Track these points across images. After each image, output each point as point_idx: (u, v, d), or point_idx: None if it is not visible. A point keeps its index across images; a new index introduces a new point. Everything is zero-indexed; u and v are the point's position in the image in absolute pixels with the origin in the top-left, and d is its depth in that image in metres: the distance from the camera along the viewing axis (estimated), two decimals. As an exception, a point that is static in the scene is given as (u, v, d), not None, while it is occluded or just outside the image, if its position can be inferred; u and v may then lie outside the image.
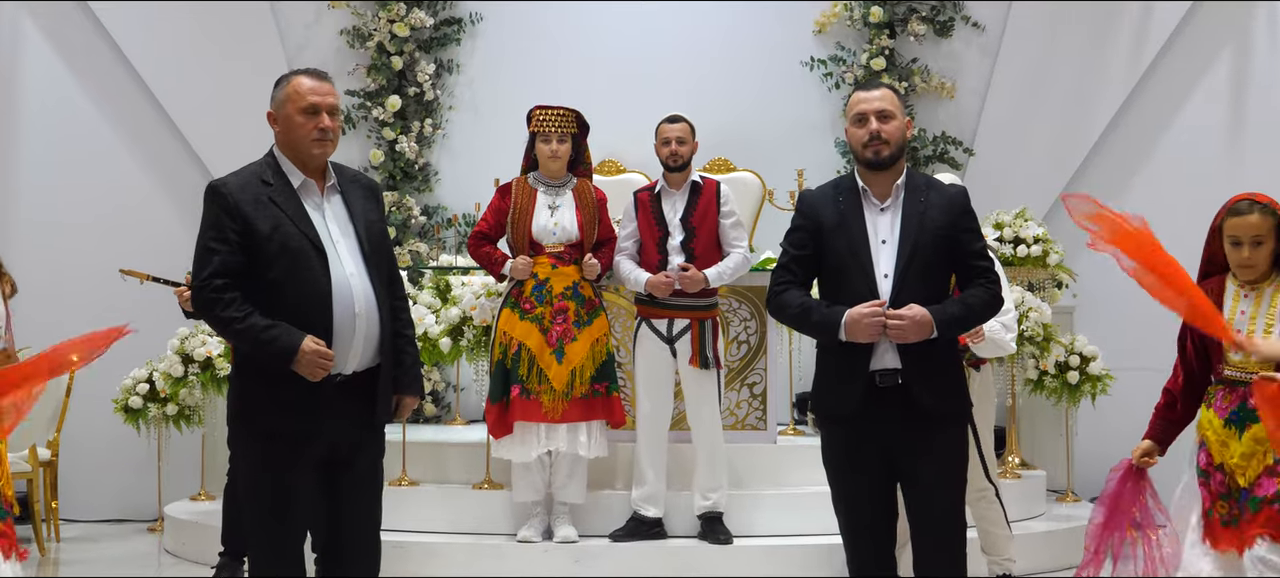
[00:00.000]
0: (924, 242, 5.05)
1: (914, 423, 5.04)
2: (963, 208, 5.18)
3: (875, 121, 5.10)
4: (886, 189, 5.16)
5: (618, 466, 8.23)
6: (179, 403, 9.05)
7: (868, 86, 5.29)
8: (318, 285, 4.87)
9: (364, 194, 5.16)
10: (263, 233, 4.83)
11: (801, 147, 10.42)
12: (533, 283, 7.70)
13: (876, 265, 5.06)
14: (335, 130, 5.02)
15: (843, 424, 5.19)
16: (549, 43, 10.75)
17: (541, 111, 7.84)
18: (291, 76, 5.04)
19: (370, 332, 4.97)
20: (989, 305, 5.16)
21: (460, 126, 10.78)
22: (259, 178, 4.98)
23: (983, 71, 10.55)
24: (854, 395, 5.08)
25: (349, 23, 10.61)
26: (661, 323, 7.74)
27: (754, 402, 8.56)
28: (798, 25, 10.73)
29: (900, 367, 5.02)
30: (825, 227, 5.19)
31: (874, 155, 5.11)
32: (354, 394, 4.99)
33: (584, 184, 7.93)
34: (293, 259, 4.85)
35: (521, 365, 7.62)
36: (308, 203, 4.98)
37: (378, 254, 5.07)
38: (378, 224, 5.15)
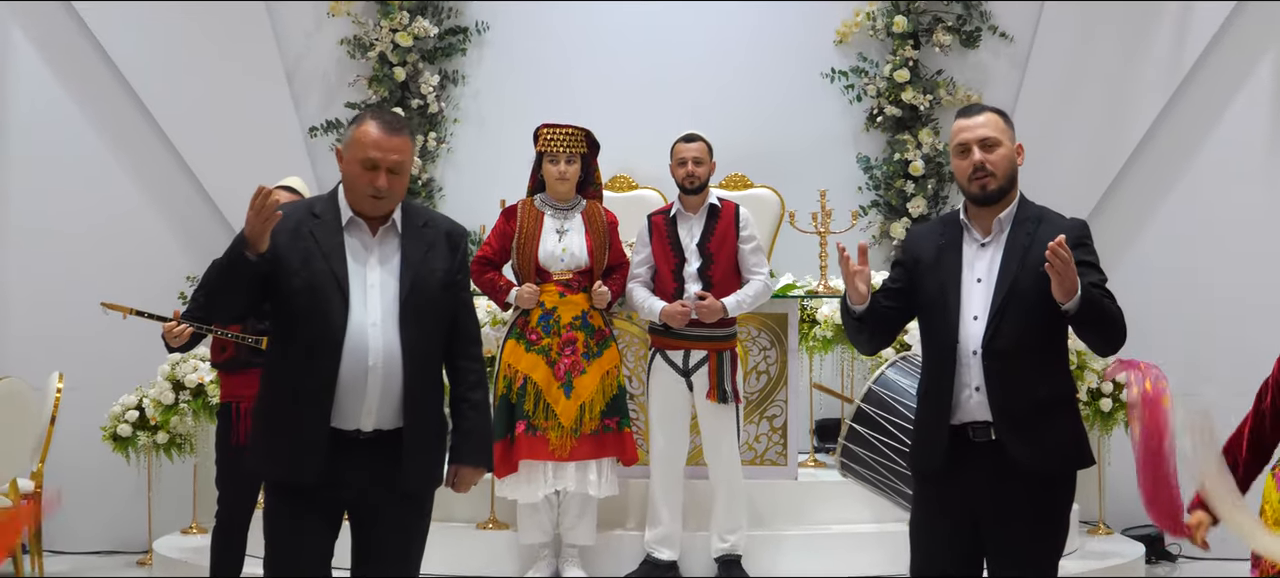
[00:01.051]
0: (1025, 281, 4.57)
1: (1009, 481, 4.60)
2: (1077, 240, 4.64)
3: (979, 151, 4.69)
4: (989, 222, 4.74)
5: (630, 504, 7.91)
6: (170, 431, 8.80)
7: (970, 111, 4.83)
8: (331, 329, 4.55)
9: (432, 240, 4.78)
10: (291, 266, 4.56)
11: (822, 162, 10.11)
12: (539, 312, 7.35)
13: (965, 306, 4.66)
14: (396, 190, 4.66)
15: (927, 482, 4.82)
16: (559, 53, 10.41)
17: (549, 130, 7.47)
18: (365, 118, 4.69)
19: (388, 389, 4.60)
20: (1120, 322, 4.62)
21: (466, 140, 10.42)
22: (310, 210, 4.72)
23: (1011, 83, 10.15)
24: (938, 450, 4.68)
25: (350, 31, 10.25)
26: (677, 354, 7.39)
27: (774, 435, 8.22)
28: (818, 35, 10.36)
29: (991, 419, 4.59)
30: (922, 263, 4.82)
31: (981, 190, 4.69)
32: (378, 454, 4.64)
33: (594, 207, 7.57)
34: (314, 297, 4.56)
35: (527, 400, 7.27)
36: (352, 242, 4.67)
37: (423, 308, 4.69)
38: (439, 276, 4.75)
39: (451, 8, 10.36)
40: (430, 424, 4.74)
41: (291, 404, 4.56)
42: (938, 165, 10.01)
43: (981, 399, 4.59)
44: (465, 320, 4.90)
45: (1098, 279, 4.63)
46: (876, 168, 10.16)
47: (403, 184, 4.67)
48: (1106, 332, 4.62)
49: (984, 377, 4.59)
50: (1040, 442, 4.59)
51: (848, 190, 9.93)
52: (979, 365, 4.60)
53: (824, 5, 10.36)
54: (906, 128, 10.07)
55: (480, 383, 4.92)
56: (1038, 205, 4.80)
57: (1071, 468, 4.73)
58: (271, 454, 4.66)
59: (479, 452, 4.88)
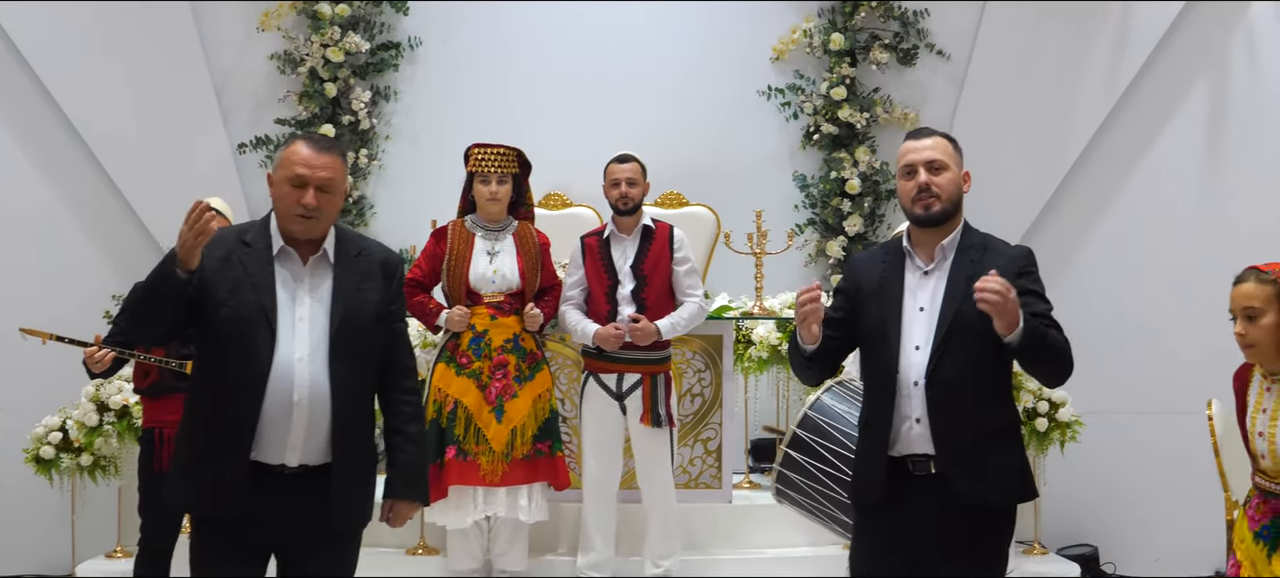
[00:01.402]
0: (969, 311, 4.41)
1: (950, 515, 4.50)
2: (1022, 269, 4.57)
3: (924, 173, 4.59)
4: (932, 250, 4.63)
5: (561, 529, 7.82)
6: (94, 453, 8.53)
7: (919, 133, 4.74)
8: (256, 362, 4.41)
9: (366, 270, 4.67)
10: (219, 295, 4.44)
11: (758, 180, 10.04)
12: (470, 335, 7.25)
13: (906, 336, 4.55)
14: (326, 210, 4.53)
15: (868, 514, 4.71)
16: (492, 69, 10.27)
17: (479, 150, 7.36)
18: (294, 138, 4.59)
19: (315, 424, 4.46)
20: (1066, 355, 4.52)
21: (398, 157, 10.28)
22: (240, 237, 4.58)
23: (949, 101, 10.09)
24: (877, 483, 4.58)
25: (280, 46, 10.09)
26: (611, 378, 7.31)
27: (709, 459, 8.14)
28: (754, 52, 10.27)
29: (931, 452, 4.49)
30: (864, 291, 4.73)
31: (924, 211, 4.58)
32: (306, 490, 4.50)
33: (525, 228, 7.47)
34: (240, 328, 4.42)
35: (458, 425, 7.17)
36: (282, 272, 4.54)
37: (354, 341, 4.56)
38: (372, 308, 4.63)
39: (384, 23, 10.22)
40: (360, 459, 4.61)
41: (212, 437, 4.43)
42: (874, 184, 9.95)
43: (923, 431, 4.50)
44: (400, 352, 4.78)
45: (1043, 309, 4.56)
46: (813, 186, 10.08)
47: (333, 206, 4.55)
48: (1051, 364, 4.53)
49: (926, 408, 4.50)
50: (983, 476, 4.50)
51: (784, 209, 9.86)
52: (921, 397, 4.51)
53: (760, 22, 10.27)
54: (843, 146, 10.00)
55: (416, 416, 4.80)
56: (982, 233, 4.72)
57: (1014, 502, 4.65)
58: (190, 487, 4.52)
59: (414, 486, 4.76)
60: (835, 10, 10.15)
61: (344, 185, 4.63)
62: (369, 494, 4.69)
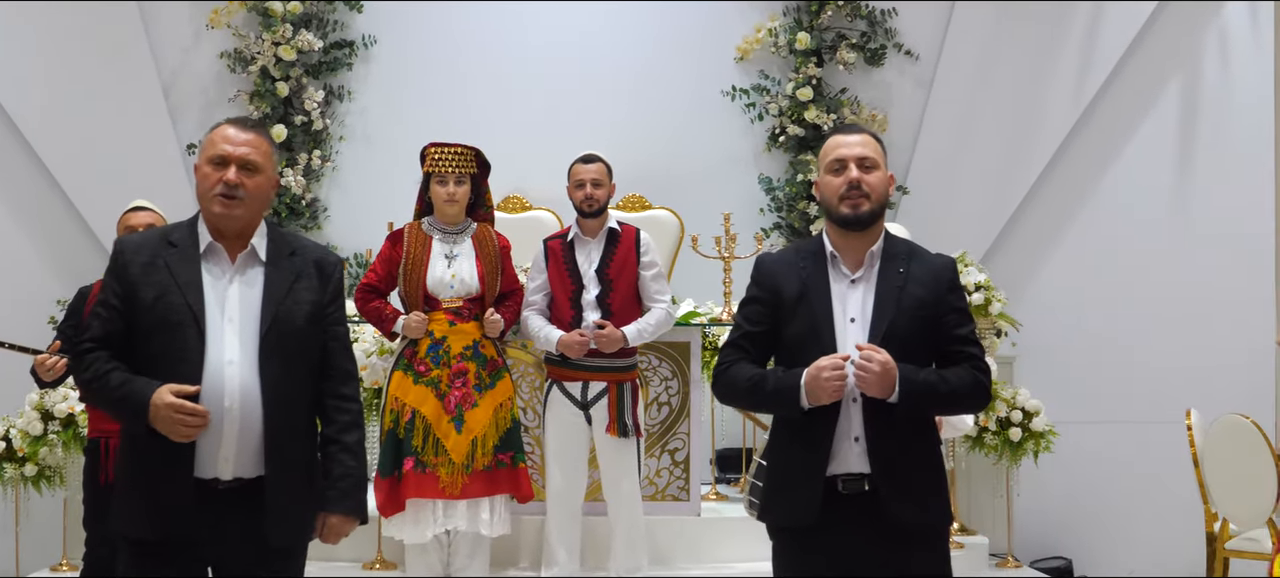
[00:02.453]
0: (901, 322, 4.24)
1: (884, 538, 4.24)
2: (950, 283, 4.38)
3: (855, 169, 4.32)
4: (859, 256, 4.38)
5: (523, 543, 7.62)
6: (38, 463, 8.34)
7: (846, 129, 4.48)
8: (187, 368, 4.16)
9: (300, 270, 4.41)
10: (145, 301, 4.21)
11: (722, 182, 9.90)
12: (428, 342, 6.99)
13: (841, 349, 4.26)
14: (251, 193, 4.30)
15: (793, 539, 4.39)
16: (449, 68, 10.12)
17: (436, 150, 7.12)
18: (219, 124, 4.39)
19: (247, 433, 4.21)
20: (973, 393, 4.33)
21: (351, 158, 10.10)
22: (165, 238, 4.34)
23: (917, 103, 9.98)
24: (810, 503, 4.27)
25: (230, 44, 9.90)
26: (575, 386, 7.08)
27: (676, 470, 7.94)
28: (718, 51, 10.14)
29: (868, 471, 4.23)
30: (784, 299, 4.39)
31: (852, 210, 4.31)
32: (242, 506, 4.24)
33: (484, 230, 7.23)
34: (169, 334, 4.19)
35: (416, 435, 6.92)
36: (210, 272, 4.29)
37: (287, 344, 4.30)
38: (306, 309, 4.38)
39: (337, 21, 10.04)
40: (296, 471, 4.35)
41: (149, 454, 4.16)
42: (839, 187, 9.74)
43: (862, 450, 4.25)
44: (339, 357, 4.51)
45: (967, 331, 4.38)
46: (779, 189, 9.93)
47: (259, 191, 4.32)
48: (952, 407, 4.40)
49: (864, 426, 4.25)
50: (918, 495, 4.29)
51: (749, 212, 9.71)
52: (860, 413, 4.26)
53: (723, 21, 10.16)
54: (809, 148, 9.84)
55: (354, 424, 4.50)
56: (904, 239, 4.51)
57: (945, 524, 4.44)
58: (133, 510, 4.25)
59: (349, 499, 4.44)
60: (801, 9, 10.04)
61: (271, 169, 4.39)
62: (309, 508, 4.43)
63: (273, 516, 4.25)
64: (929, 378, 4.23)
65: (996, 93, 9.78)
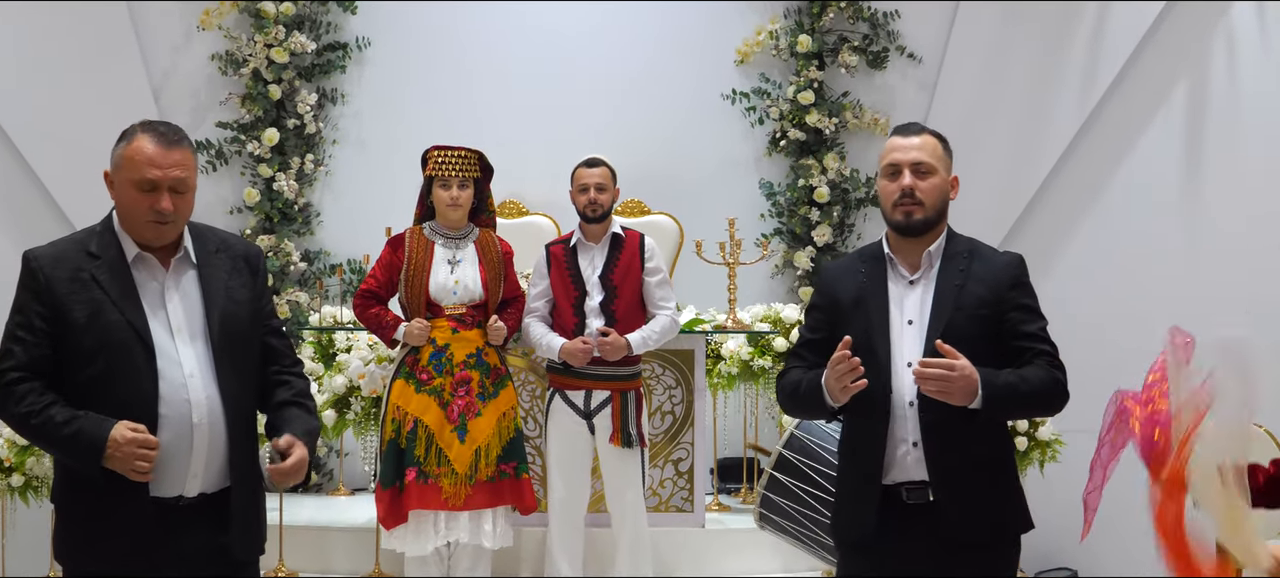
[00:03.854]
0: (960, 322, 4.12)
1: (947, 548, 4.12)
2: (1014, 279, 4.25)
3: (909, 175, 4.22)
4: (917, 258, 4.27)
5: (524, 554, 7.52)
6: (25, 473, 8.14)
7: (906, 131, 4.37)
8: (142, 389, 3.94)
9: (230, 267, 4.21)
10: (77, 322, 3.95)
11: (723, 187, 9.76)
12: (430, 350, 6.86)
13: (896, 352, 4.16)
14: (182, 213, 4.07)
15: (855, 552, 4.29)
16: (444, 71, 9.98)
17: (439, 153, 6.98)
18: (134, 133, 4.11)
19: (214, 446, 4.03)
20: (1052, 392, 4.20)
21: (345, 163, 9.95)
22: (84, 248, 4.06)
23: (920, 106, 9.83)
24: (867, 517, 4.17)
25: (221, 46, 9.74)
26: (578, 395, 6.95)
27: (680, 481, 7.83)
28: (718, 54, 10.01)
29: (928, 479, 4.10)
30: (843, 304, 4.31)
31: (904, 217, 4.22)
32: (205, 522, 4.06)
33: (487, 236, 7.11)
34: (112, 356, 3.95)
35: (418, 445, 6.78)
36: (143, 283, 4.06)
37: (236, 347, 4.12)
38: (247, 306, 4.20)
39: (330, 22, 9.89)
40: (254, 480, 4.21)
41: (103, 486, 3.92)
42: (843, 192, 9.71)
43: (919, 456, 4.13)
44: (279, 344, 4.37)
45: (1036, 328, 4.26)
46: (780, 194, 9.81)
47: (189, 204, 4.09)
48: (1027, 413, 4.26)
49: (921, 431, 4.13)
50: (982, 505, 4.16)
51: (750, 217, 9.59)
52: (915, 418, 4.14)
53: (723, 23, 10.03)
54: (811, 152, 9.75)
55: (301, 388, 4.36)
56: (967, 237, 4.40)
57: (1014, 533, 4.31)
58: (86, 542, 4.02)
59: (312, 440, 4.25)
60: (802, 11, 9.91)
61: (196, 179, 4.16)
62: (264, 519, 4.32)
63: (238, 528, 4.11)
64: (1009, 379, 4.08)
65: (1001, 96, 9.66)
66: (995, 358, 4.13)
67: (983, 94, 9.66)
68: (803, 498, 5.81)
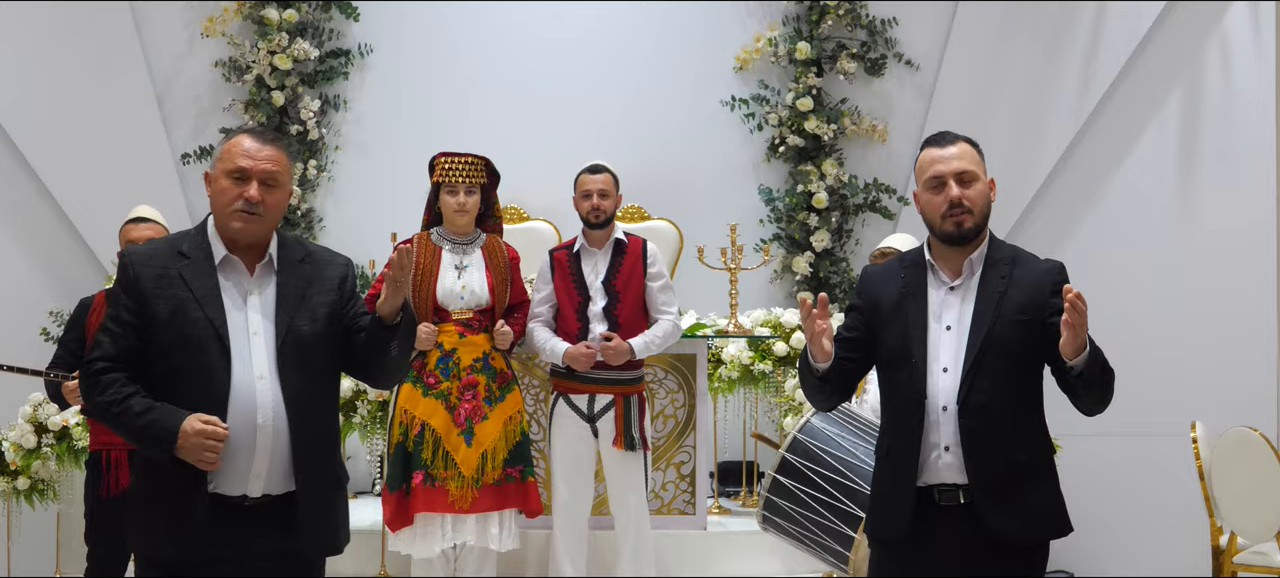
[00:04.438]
0: (1001, 330, 4.16)
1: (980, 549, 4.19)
2: (1055, 285, 4.24)
3: (956, 186, 4.26)
4: (959, 264, 4.31)
5: (530, 556, 7.58)
6: (31, 476, 8.22)
7: (941, 141, 4.39)
8: (214, 387, 4.07)
9: (313, 277, 4.32)
10: (160, 316, 4.10)
11: (722, 193, 9.86)
12: (437, 354, 6.90)
13: (933, 357, 4.22)
14: (270, 208, 4.20)
15: (889, 550, 4.35)
16: (445, 78, 10.03)
17: (446, 159, 7.04)
18: (236, 132, 4.27)
19: (278, 448, 4.13)
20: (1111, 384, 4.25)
21: (347, 168, 10.00)
22: (176, 248, 4.22)
23: (917, 113, 9.91)
24: (902, 516, 4.24)
25: (225, 53, 9.79)
26: (581, 399, 7.02)
27: (682, 483, 7.91)
28: (717, 61, 10.06)
29: (965, 482, 4.16)
30: (882, 309, 4.37)
31: (956, 228, 4.25)
32: (269, 524, 4.16)
33: (494, 241, 7.16)
34: (190, 351, 4.08)
35: (425, 448, 6.82)
36: (227, 285, 4.19)
37: (304, 353, 4.22)
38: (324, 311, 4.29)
39: (333, 29, 9.94)
40: (326, 483, 4.28)
41: (170, 474, 4.06)
42: (842, 197, 9.76)
43: (953, 460, 4.18)
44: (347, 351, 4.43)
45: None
46: (779, 200, 9.86)
47: (278, 203, 4.23)
48: (1105, 391, 4.25)
49: (958, 435, 4.18)
50: (1018, 508, 4.19)
51: (749, 223, 9.63)
52: (952, 423, 4.19)
53: (722, 30, 10.09)
54: (809, 158, 9.80)
55: None
56: (1010, 244, 4.44)
57: (1048, 537, 4.34)
58: (148, 526, 4.17)
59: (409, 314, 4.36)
60: (801, 19, 9.96)
61: (289, 183, 4.32)
62: (338, 521, 4.36)
63: (309, 530, 4.19)
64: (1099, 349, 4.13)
65: (998, 102, 9.71)
66: (1037, 366, 4.22)
67: (979, 100, 9.71)
68: (804, 500, 5.87)
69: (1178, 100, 9.56)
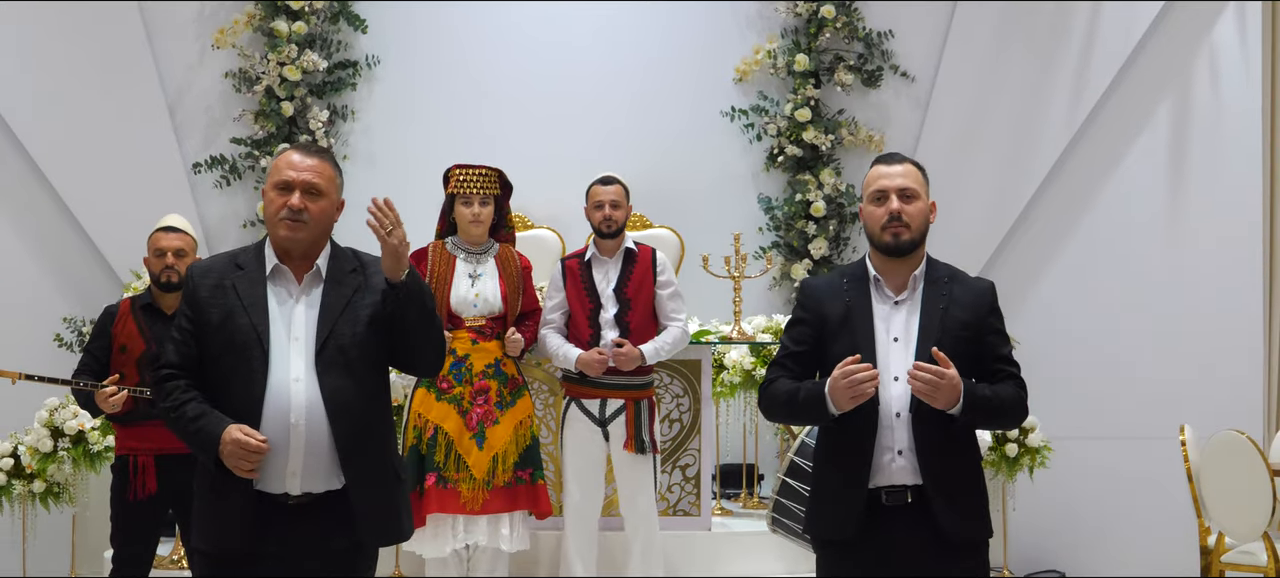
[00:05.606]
0: (946, 343, 4.39)
1: (927, 548, 4.41)
2: (990, 305, 4.56)
3: (896, 200, 4.49)
4: (903, 280, 4.54)
5: (541, 556, 7.70)
6: (47, 479, 8.30)
7: (889, 160, 4.63)
8: (253, 388, 4.30)
9: (361, 285, 4.51)
10: (212, 323, 4.38)
11: (722, 202, 9.99)
12: (451, 360, 7.05)
13: (883, 367, 4.43)
14: (315, 216, 4.43)
15: (836, 550, 4.56)
16: (451, 90, 10.13)
17: (461, 171, 7.20)
18: (285, 149, 4.56)
19: (314, 448, 4.32)
20: (1016, 409, 4.52)
21: (355, 178, 9.90)
22: (234, 261, 4.50)
23: (913, 124, 10.06)
24: (851, 516, 4.44)
25: (235, 65, 9.88)
26: (593, 404, 7.17)
27: (687, 485, 8.06)
28: (717, 72, 10.19)
29: (917, 483, 4.40)
30: (829, 321, 4.57)
31: (893, 239, 4.48)
32: (310, 521, 4.37)
33: (507, 251, 7.31)
34: (236, 356, 4.34)
35: (438, 451, 6.97)
36: (276, 292, 4.43)
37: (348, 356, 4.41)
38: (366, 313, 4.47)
39: (341, 41, 10.05)
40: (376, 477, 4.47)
41: (218, 472, 4.29)
42: (839, 206, 9.89)
43: (906, 464, 4.41)
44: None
45: (1008, 350, 4.58)
46: (777, 208, 10.00)
47: (322, 212, 4.46)
48: (999, 425, 4.59)
49: (911, 440, 4.42)
50: (962, 507, 4.46)
51: (748, 231, 9.74)
52: (905, 428, 4.43)
53: (723, 42, 10.21)
54: (808, 168, 9.94)
55: None
56: (945, 263, 4.67)
57: (986, 536, 4.60)
58: (200, 520, 4.43)
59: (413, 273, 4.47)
60: (799, 31, 10.10)
61: (335, 193, 4.55)
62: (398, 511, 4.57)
63: (362, 522, 4.38)
64: (985, 393, 4.39)
65: (992, 113, 9.86)
66: (971, 376, 4.44)
67: (974, 111, 9.87)
68: (813, 502, 6.04)
69: (1167, 112, 9.67)
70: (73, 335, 9.23)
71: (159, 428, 6.06)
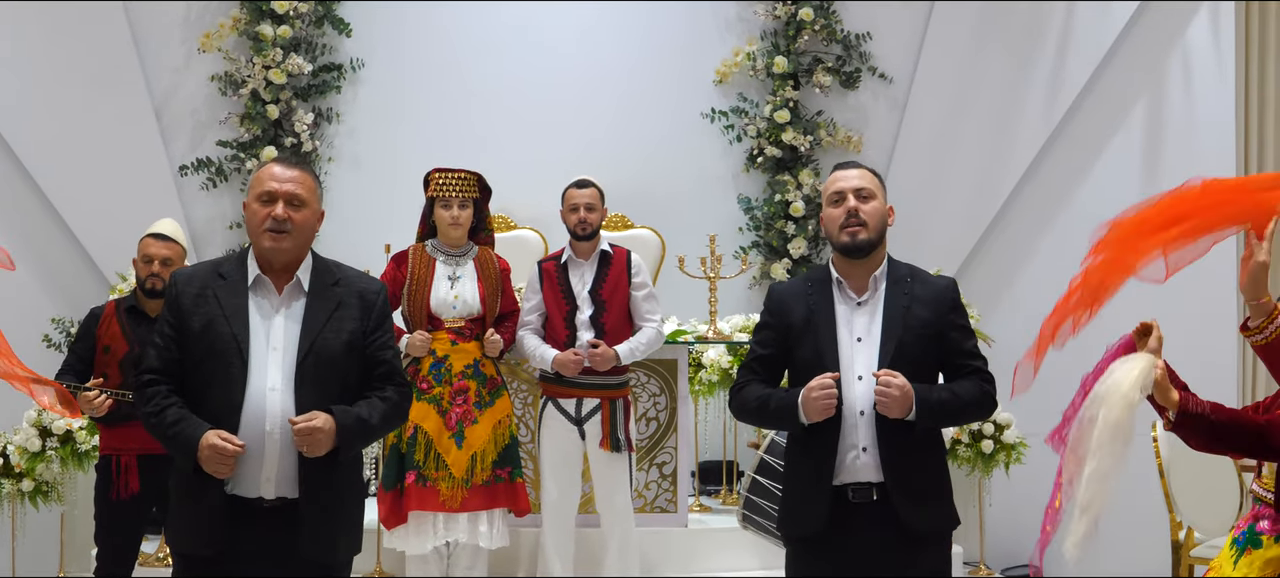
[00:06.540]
0: (909, 340, 4.55)
1: (892, 543, 4.54)
2: (952, 302, 4.71)
3: (853, 199, 4.64)
4: (864, 281, 4.69)
5: (520, 554, 7.76)
6: (35, 478, 8.34)
7: (846, 165, 4.81)
8: (231, 396, 4.42)
9: (341, 299, 4.61)
10: (194, 331, 4.48)
11: (702, 202, 10.09)
12: (430, 361, 7.16)
13: (847, 367, 4.57)
14: (297, 226, 4.54)
15: (804, 546, 4.69)
16: (434, 92, 10.22)
17: (440, 175, 7.29)
18: (266, 162, 4.72)
19: (287, 455, 4.44)
20: (980, 403, 4.68)
21: (340, 180, 10.17)
22: (216, 270, 4.61)
23: (891, 125, 10.17)
24: (818, 513, 4.57)
25: (221, 68, 9.97)
26: (569, 403, 7.26)
27: (664, 483, 8.13)
28: (697, 74, 10.30)
29: (880, 480, 4.53)
30: (793, 324, 4.71)
31: (851, 238, 4.63)
32: (283, 524, 4.47)
33: (486, 253, 7.40)
34: (216, 362, 4.45)
35: (418, 450, 7.06)
36: (257, 303, 4.54)
37: (324, 372, 4.51)
38: (345, 337, 4.57)
39: (326, 44, 10.13)
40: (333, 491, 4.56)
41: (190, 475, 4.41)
42: (818, 207, 9.91)
43: (869, 460, 4.55)
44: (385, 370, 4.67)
45: (971, 345, 4.73)
46: (757, 209, 10.09)
47: (304, 223, 4.57)
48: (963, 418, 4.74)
49: (875, 438, 4.55)
50: (926, 502, 4.59)
51: (728, 231, 9.88)
52: (868, 426, 4.56)
53: (703, 45, 10.31)
54: (787, 169, 10.04)
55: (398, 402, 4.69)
56: (906, 263, 4.80)
57: (950, 529, 4.74)
58: (176, 522, 4.55)
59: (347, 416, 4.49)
60: (778, 33, 10.19)
61: (316, 203, 4.65)
62: (347, 527, 4.66)
63: (307, 531, 4.46)
64: (941, 395, 4.54)
65: (969, 114, 9.94)
66: (935, 371, 4.62)
67: (951, 112, 9.96)
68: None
69: (1141, 114, 9.69)
70: (61, 336, 9.27)
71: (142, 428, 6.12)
